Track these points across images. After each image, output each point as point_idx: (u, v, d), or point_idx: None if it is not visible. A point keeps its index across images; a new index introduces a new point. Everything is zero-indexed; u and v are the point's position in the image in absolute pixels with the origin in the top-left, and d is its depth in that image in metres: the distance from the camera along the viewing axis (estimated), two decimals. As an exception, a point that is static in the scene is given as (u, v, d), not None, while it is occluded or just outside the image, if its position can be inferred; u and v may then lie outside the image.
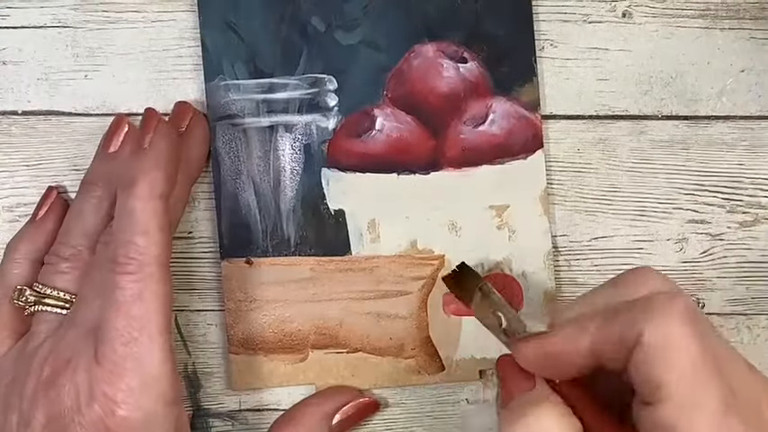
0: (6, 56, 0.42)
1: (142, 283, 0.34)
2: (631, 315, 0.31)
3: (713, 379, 0.30)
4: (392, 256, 0.42)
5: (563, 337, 0.33)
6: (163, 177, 0.35)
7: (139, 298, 0.34)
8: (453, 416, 0.43)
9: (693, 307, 0.31)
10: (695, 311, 0.31)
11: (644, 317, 0.31)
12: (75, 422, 0.33)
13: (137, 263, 0.34)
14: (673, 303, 0.31)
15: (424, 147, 0.42)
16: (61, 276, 0.37)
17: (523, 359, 0.35)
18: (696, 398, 0.30)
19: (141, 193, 0.35)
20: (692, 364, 0.30)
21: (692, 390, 0.30)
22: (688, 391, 0.30)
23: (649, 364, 0.30)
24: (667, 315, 0.31)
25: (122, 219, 0.35)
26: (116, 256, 0.34)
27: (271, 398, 0.42)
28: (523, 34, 0.42)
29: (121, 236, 0.34)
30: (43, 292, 0.37)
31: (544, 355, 0.34)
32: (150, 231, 0.34)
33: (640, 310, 0.31)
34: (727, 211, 0.43)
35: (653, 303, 0.31)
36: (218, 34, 0.41)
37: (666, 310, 0.31)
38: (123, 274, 0.34)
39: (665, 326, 0.30)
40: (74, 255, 0.37)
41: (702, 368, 0.30)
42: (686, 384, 0.30)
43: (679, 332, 0.30)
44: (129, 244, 0.34)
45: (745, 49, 0.43)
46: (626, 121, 0.43)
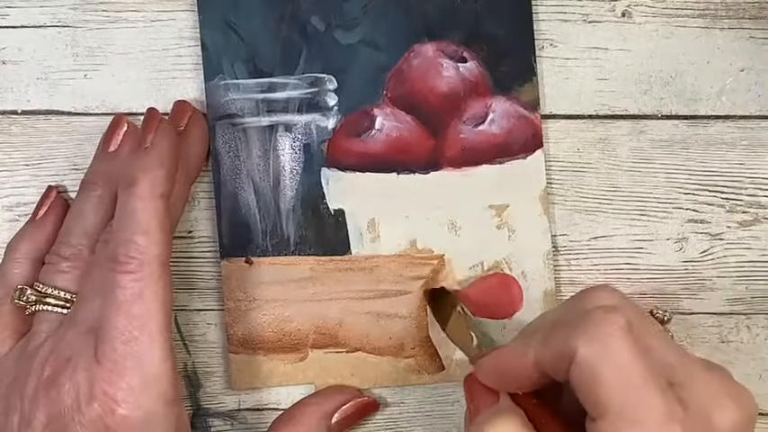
0: (6, 55, 0.42)
1: (142, 282, 0.34)
2: (566, 331, 0.31)
3: (651, 392, 0.29)
4: (392, 256, 0.42)
5: (510, 351, 0.34)
6: (164, 177, 0.35)
7: (140, 297, 0.34)
8: (453, 416, 0.43)
9: (633, 320, 0.31)
10: (635, 324, 0.31)
11: (577, 333, 0.31)
12: (75, 421, 0.33)
13: (137, 262, 0.34)
14: (608, 317, 0.30)
15: (424, 146, 0.42)
16: (62, 276, 0.37)
17: (481, 373, 0.35)
18: (633, 412, 0.29)
19: (142, 192, 0.35)
20: (626, 378, 0.29)
21: (628, 404, 0.29)
22: (624, 406, 0.29)
23: (585, 381, 0.30)
24: (601, 330, 0.30)
25: (123, 218, 0.35)
26: (116, 255, 0.34)
27: (270, 397, 0.42)
28: (523, 34, 0.42)
29: (122, 235, 0.34)
30: (44, 292, 0.37)
31: (496, 368, 0.34)
32: (151, 231, 0.34)
33: (574, 326, 0.31)
34: (726, 211, 0.43)
35: (588, 319, 0.31)
36: (218, 34, 0.41)
37: (600, 324, 0.30)
38: (123, 273, 0.34)
39: (598, 341, 0.30)
40: (74, 254, 0.37)
41: (639, 382, 0.29)
42: (621, 399, 0.29)
43: (613, 347, 0.30)
44: (130, 243, 0.34)
45: (745, 48, 0.43)
46: (626, 120, 0.43)
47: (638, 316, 0.32)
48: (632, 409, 0.29)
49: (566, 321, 0.32)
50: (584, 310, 0.32)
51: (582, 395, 0.31)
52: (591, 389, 0.30)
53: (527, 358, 0.33)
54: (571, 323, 0.31)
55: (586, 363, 0.30)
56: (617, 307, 0.31)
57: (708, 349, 0.43)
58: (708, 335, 0.44)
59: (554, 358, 0.32)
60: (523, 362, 0.33)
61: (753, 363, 0.44)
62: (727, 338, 0.44)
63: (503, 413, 0.33)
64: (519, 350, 0.33)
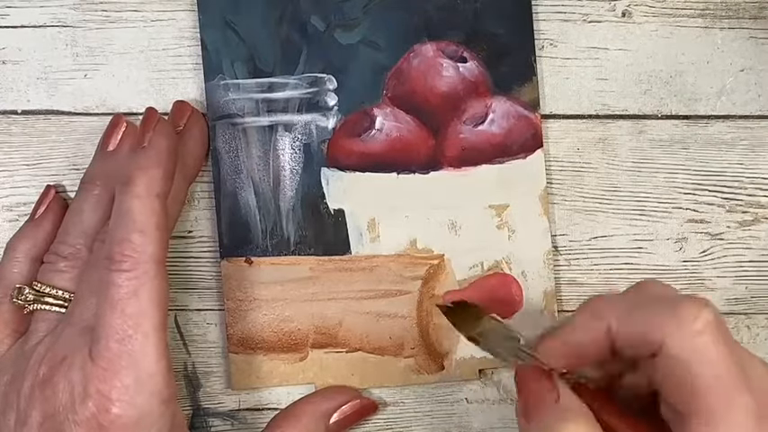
0: (6, 55, 0.42)
1: (137, 280, 0.34)
2: (654, 315, 0.31)
3: (743, 391, 0.29)
4: (392, 256, 0.42)
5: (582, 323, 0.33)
6: (161, 176, 0.35)
7: (135, 295, 0.34)
8: (453, 415, 0.43)
9: (720, 316, 0.31)
10: (721, 321, 0.31)
11: (667, 321, 0.30)
12: (69, 420, 0.33)
13: (132, 260, 0.34)
14: (701, 313, 0.30)
15: (424, 146, 0.42)
16: (60, 275, 0.37)
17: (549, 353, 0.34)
18: (727, 411, 0.29)
19: (139, 191, 0.35)
20: (720, 377, 0.29)
21: (722, 403, 0.29)
22: (718, 405, 0.29)
23: (676, 376, 0.30)
24: (694, 325, 0.30)
25: (119, 216, 0.35)
26: (112, 253, 0.34)
27: (270, 397, 0.42)
28: (523, 34, 0.42)
29: (118, 233, 0.34)
30: (42, 291, 0.37)
31: (566, 343, 0.34)
32: (147, 230, 0.34)
33: (663, 313, 0.31)
34: (726, 211, 0.43)
35: (678, 309, 0.31)
36: (218, 33, 0.41)
37: (693, 320, 0.30)
38: (118, 271, 0.34)
39: (691, 337, 0.30)
40: (72, 253, 0.37)
41: (731, 380, 0.29)
42: (715, 398, 0.29)
43: (707, 345, 0.30)
44: (125, 242, 0.34)
45: (745, 48, 0.43)
46: (625, 120, 0.43)
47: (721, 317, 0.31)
48: (725, 407, 0.29)
49: (652, 305, 0.32)
50: (670, 297, 0.32)
51: (669, 389, 0.30)
52: (682, 385, 0.30)
53: (600, 329, 0.32)
54: (659, 308, 0.31)
55: (678, 357, 0.30)
56: (708, 303, 0.31)
57: (708, 349, 0.43)
58: (708, 335, 0.44)
59: (634, 337, 0.31)
60: (596, 333, 0.32)
61: (753, 363, 0.44)
62: (728, 338, 0.44)
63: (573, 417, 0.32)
64: (592, 321, 0.33)
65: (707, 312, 0.30)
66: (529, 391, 0.34)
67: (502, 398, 0.43)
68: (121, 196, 0.35)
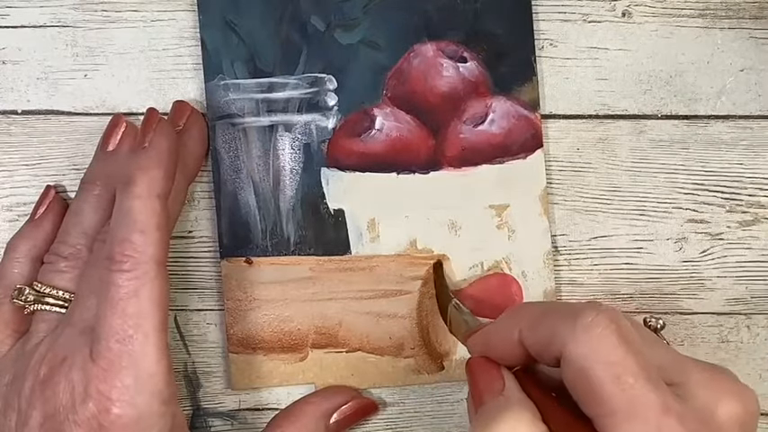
0: (6, 55, 0.42)
1: (138, 280, 0.34)
2: (555, 322, 0.31)
3: (645, 386, 0.29)
4: (392, 256, 0.42)
5: (496, 328, 0.34)
6: (162, 176, 0.35)
7: (135, 296, 0.34)
8: (453, 415, 0.43)
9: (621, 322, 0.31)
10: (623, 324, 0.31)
11: (566, 328, 0.31)
12: (69, 420, 0.33)
13: (133, 261, 0.34)
14: (598, 318, 0.30)
15: (424, 146, 0.42)
16: (60, 275, 0.37)
17: (472, 350, 0.35)
18: (629, 408, 0.29)
19: (139, 191, 0.35)
20: (618, 375, 0.29)
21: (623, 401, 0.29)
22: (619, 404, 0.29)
23: (578, 380, 0.30)
24: (591, 329, 0.30)
25: (120, 216, 0.35)
26: (112, 253, 0.34)
27: (270, 397, 0.42)
28: (523, 34, 0.42)
29: (118, 234, 0.34)
30: (43, 291, 0.37)
31: (484, 345, 0.35)
32: (147, 230, 0.34)
33: (563, 320, 0.31)
34: (726, 211, 0.43)
35: (578, 316, 0.31)
36: (218, 34, 0.41)
37: (591, 324, 0.30)
38: (119, 271, 0.34)
39: (588, 341, 0.30)
40: (73, 254, 0.37)
41: (631, 378, 0.29)
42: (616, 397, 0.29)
43: (603, 346, 0.30)
44: (126, 242, 0.34)
45: (745, 48, 0.43)
46: (625, 120, 0.43)
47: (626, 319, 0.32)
48: (627, 406, 0.29)
49: (555, 311, 0.32)
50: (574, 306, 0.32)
51: (576, 394, 0.31)
52: (584, 388, 0.30)
53: (512, 336, 0.33)
54: (560, 315, 0.31)
55: (577, 362, 0.30)
56: (606, 309, 0.31)
57: (708, 349, 0.44)
58: (708, 335, 0.44)
59: (539, 344, 0.32)
60: (509, 339, 0.33)
61: (753, 363, 0.44)
62: (727, 338, 0.44)
63: (513, 406, 0.32)
64: (505, 327, 0.33)
65: (604, 316, 0.30)
66: (477, 380, 0.34)
67: (502, 398, 0.43)
68: (122, 196, 0.35)
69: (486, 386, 0.34)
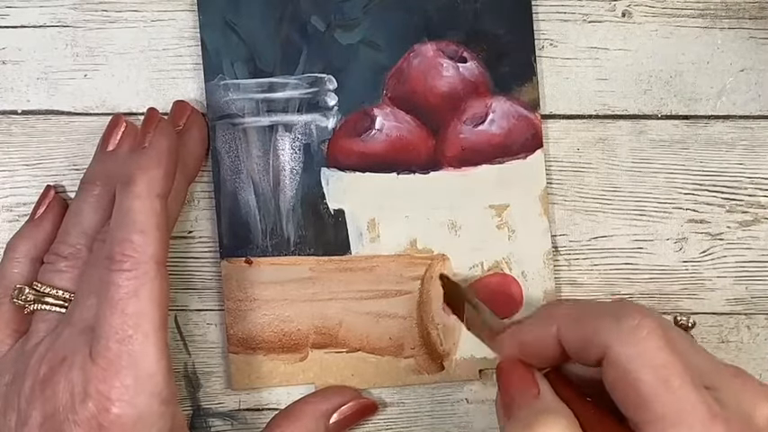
0: (6, 55, 0.42)
1: (137, 280, 0.34)
2: (599, 322, 0.31)
3: (692, 391, 0.29)
4: (392, 256, 0.42)
5: (532, 325, 0.34)
6: (162, 176, 0.35)
7: (135, 295, 0.34)
8: (453, 416, 0.43)
9: (665, 323, 0.31)
10: (667, 327, 0.31)
11: (611, 329, 0.30)
12: (69, 420, 0.33)
13: (132, 260, 0.34)
14: (643, 321, 0.30)
15: (424, 146, 0.42)
16: (60, 275, 0.37)
17: (502, 350, 0.35)
18: (676, 414, 0.29)
19: (139, 191, 0.34)
20: (665, 380, 0.29)
21: (670, 406, 0.29)
22: (667, 408, 0.29)
23: (622, 382, 0.30)
24: (636, 332, 0.30)
25: (120, 216, 0.35)
26: (112, 253, 0.34)
27: (270, 397, 0.42)
28: (523, 34, 0.42)
29: (118, 234, 0.34)
30: (43, 291, 0.37)
31: (517, 343, 0.34)
32: (147, 230, 0.34)
33: (608, 321, 0.31)
34: (726, 211, 0.43)
35: (622, 318, 0.31)
36: (218, 34, 0.41)
37: (636, 327, 0.30)
38: (119, 271, 0.34)
39: (634, 343, 0.30)
40: (72, 254, 0.37)
41: (678, 382, 0.29)
42: (663, 401, 0.29)
43: (649, 349, 0.30)
44: (126, 242, 0.34)
45: (745, 48, 0.43)
46: (625, 120, 0.43)
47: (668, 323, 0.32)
48: (675, 411, 0.29)
49: (597, 310, 0.32)
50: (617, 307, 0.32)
51: (618, 396, 0.30)
52: (629, 391, 0.30)
53: (549, 334, 0.32)
54: (604, 316, 0.31)
55: (622, 364, 0.30)
56: (651, 312, 0.31)
57: (708, 349, 0.43)
58: (708, 335, 0.44)
59: (580, 343, 0.31)
60: (545, 337, 0.33)
61: (753, 363, 0.44)
62: (727, 338, 0.44)
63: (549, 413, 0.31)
64: (542, 325, 0.33)
65: (649, 319, 0.30)
66: (509, 385, 0.34)
67: (502, 398, 0.43)
68: (122, 196, 0.35)
69: (520, 391, 0.33)
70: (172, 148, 0.36)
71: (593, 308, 0.33)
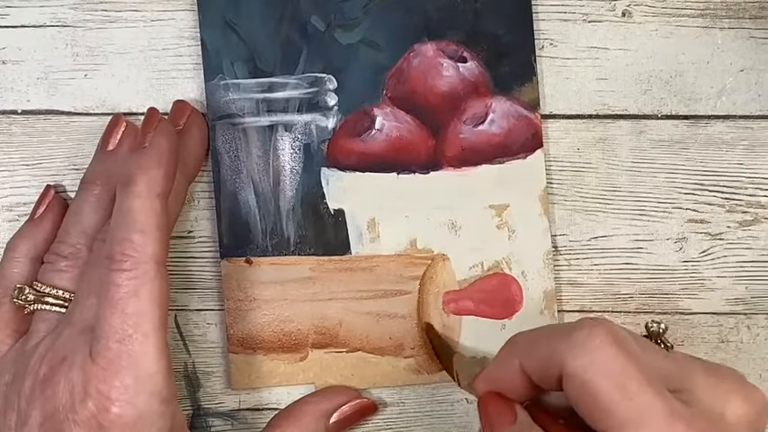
0: (6, 55, 0.42)
1: (137, 280, 0.34)
2: (551, 341, 0.31)
3: (651, 394, 0.29)
4: (392, 256, 0.42)
5: (497, 363, 0.34)
6: (162, 175, 0.35)
7: (135, 295, 0.34)
8: (453, 416, 0.43)
9: (617, 330, 0.31)
10: (619, 333, 0.31)
11: (563, 344, 0.31)
12: (69, 420, 0.33)
13: (132, 260, 0.34)
14: (593, 330, 0.31)
15: (424, 146, 0.42)
16: (60, 275, 0.37)
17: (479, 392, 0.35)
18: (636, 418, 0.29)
19: (139, 190, 0.34)
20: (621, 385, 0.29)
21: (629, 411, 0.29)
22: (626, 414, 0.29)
23: (581, 395, 0.30)
24: (588, 342, 0.30)
25: (120, 216, 0.35)
26: (112, 253, 0.34)
27: (270, 397, 0.42)
28: (523, 33, 0.42)
29: (118, 233, 0.34)
30: (43, 291, 0.37)
31: (489, 383, 0.35)
32: (147, 229, 0.34)
33: (559, 338, 0.31)
34: (726, 211, 0.43)
35: (573, 331, 0.31)
36: (218, 33, 0.41)
37: (587, 338, 0.30)
38: (119, 271, 0.34)
39: (586, 354, 0.30)
40: (73, 253, 0.37)
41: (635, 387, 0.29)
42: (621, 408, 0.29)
43: (602, 357, 0.30)
44: (125, 241, 0.34)
45: (745, 48, 0.43)
46: (626, 120, 0.43)
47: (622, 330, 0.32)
48: (635, 416, 0.29)
49: (549, 332, 0.32)
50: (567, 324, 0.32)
51: (581, 409, 0.30)
52: (589, 402, 0.30)
53: (513, 367, 0.33)
54: (555, 334, 0.32)
55: (578, 376, 0.30)
56: (601, 321, 0.31)
57: (708, 349, 0.43)
58: (708, 335, 0.44)
59: (540, 368, 0.32)
60: (510, 371, 0.33)
61: (753, 363, 0.44)
62: (727, 338, 0.44)
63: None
64: (505, 360, 0.34)
65: (599, 328, 0.31)
66: (488, 415, 0.35)
67: (502, 398, 0.43)
68: (122, 196, 0.35)
69: (498, 418, 0.34)
70: (172, 148, 0.36)
71: (546, 330, 0.33)
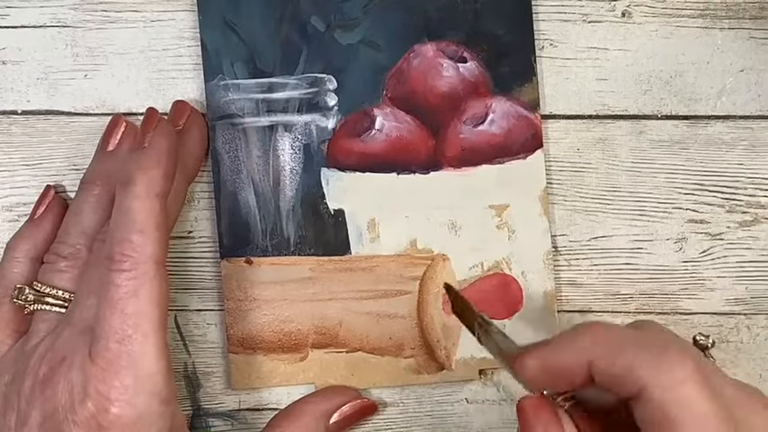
0: (6, 55, 0.42)
1: (137, 280, 0.34)
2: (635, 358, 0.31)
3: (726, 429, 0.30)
4: (392, 256, 0.42)
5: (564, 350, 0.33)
6: (161, 176, 0.35)
7: (134, 295, 0.34)
8: (453, 416, 0.43)
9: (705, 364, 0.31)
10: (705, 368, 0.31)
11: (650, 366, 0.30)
12: (68, 420, 0.33)
13: (132, 260, 0.34)
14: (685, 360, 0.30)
15: (424, 146, 0.42)
16: (60, 275, 0.37)
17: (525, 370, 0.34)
18: None
19: (139, 191, 0.34)
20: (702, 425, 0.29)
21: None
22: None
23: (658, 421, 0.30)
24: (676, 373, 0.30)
25: (119, 216, 0.35)
26: (112, 253, 0.34)
27: (270, 397, 0.42)
28: (523, 34, 0.42)
29: (117, 234, 0.34)
30: (43, 291, 0.37)
31: (544, 364, 0.33)
32: (146, 230, 0.34)
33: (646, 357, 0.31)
34: (726, 211, 0.43)
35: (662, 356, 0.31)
36: (218, 34, 0.41)
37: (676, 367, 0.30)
38: (118, 271, 0.34)
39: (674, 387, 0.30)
40: (72, 253, 0.37)
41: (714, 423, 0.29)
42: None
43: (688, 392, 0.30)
44: (125, 242, 0.34)
45: (745, 48, 0.43)
46: (625, 120, 0.43)
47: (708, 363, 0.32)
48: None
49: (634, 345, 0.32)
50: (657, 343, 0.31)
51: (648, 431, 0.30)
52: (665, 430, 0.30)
53: (580, 363, 0.32)
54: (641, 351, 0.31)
55: (661, 407, 0.30)
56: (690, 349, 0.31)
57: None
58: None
59: (615, 377, 0.31)
60: (575, 366, 0.32)
61: (753, 363, 0.44)
62: (727, 338, 0.44)
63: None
64: (573, 353, 0.32)
65: (689, 360, 0.30)
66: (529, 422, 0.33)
67: (502, 398, 0.43)
68: (121, 196, 0.35)
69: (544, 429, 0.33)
70: (171, 148, 0.36)
71: (628, 339, 0.32)
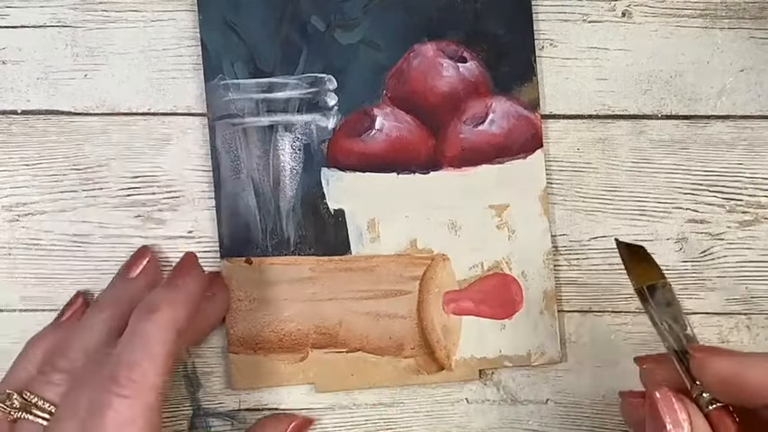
0: (6, 55, 0.42)
1: (136, 409, 0.33)
2: None
3: None
4: (392, 256, 0.42)
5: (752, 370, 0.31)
6: (184, 316, 0.35)
7: (132, 423, 0.33)
8: (453, 416, 0.43)
9: None
10: None
11: None
12: None
13: (136, 387, 0.33)
14: None
15: (424, 146, 0.42)
16: (52, 387, 0.36)
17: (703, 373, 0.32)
18: None
19: (161, 319, 0.34)
20: None
21: None
22: None
23: None
24: None
25: (133, 338, 0.34)
26: (117, 375, 0.33)
27: (270, 397, 0.42)
28: (523, 34, 0.42)
29: (127, 355, 0.34)
30: (29, 400, 0.36)
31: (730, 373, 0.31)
32: (158, 359, 0.34)
33: None
34: (726, 211, 0.43)
35: None
36: (218, 34, 0.41)
37: None
38: (120, 396, 0.33)
39: None
40: (69, 369, 0.36)
41: None
42: None
43: None
44: (135, 365, 0.33)
45: (745, 48, 0.43)
46: (625, 120, 0.43)
47: None
48: None
49: None
50: None
51: None
52: None
53: None
54: None
55: None
56: None
57: (708, 349, 0.43)
58: (708, 335, 0.44)
59: None
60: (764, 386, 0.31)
61: (753, 363, 0.44)
62: (727, 338, 0.44)
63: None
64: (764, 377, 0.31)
65: None
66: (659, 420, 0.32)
67: (502, 398, 0.43)
68: (141, 321, 0.34)
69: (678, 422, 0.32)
70: (199, 297, 0.37)
71: None
